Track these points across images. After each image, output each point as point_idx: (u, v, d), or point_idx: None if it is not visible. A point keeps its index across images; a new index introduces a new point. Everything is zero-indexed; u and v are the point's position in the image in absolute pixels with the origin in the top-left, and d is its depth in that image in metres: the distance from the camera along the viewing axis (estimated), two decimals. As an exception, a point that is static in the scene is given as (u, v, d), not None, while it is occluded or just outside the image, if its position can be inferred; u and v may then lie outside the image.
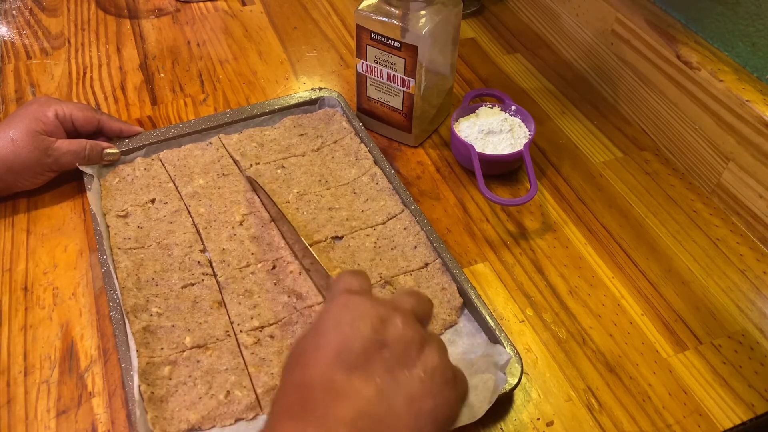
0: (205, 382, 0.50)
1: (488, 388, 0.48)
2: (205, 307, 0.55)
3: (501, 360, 0.50)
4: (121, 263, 0.57)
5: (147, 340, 0.52)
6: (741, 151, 0.63)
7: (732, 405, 0.52)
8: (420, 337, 0.39)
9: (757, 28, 0.62)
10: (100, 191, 0.64)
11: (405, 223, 0.62)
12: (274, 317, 0.54)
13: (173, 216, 0.62)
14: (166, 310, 0.55)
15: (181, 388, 0.50)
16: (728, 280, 0.61)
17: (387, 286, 0.57)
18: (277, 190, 0.65)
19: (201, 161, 0.67)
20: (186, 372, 0.51)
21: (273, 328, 0.54)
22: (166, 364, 0.51)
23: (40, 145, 0.61)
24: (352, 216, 0.63)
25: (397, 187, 0.64)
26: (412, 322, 0.39)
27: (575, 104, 0.80)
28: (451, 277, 0.57)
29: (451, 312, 0.55)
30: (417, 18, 0.64)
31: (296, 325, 0.54)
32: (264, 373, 0.51)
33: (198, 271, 0.58)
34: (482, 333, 0.54)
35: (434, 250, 0.59)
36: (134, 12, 0.92)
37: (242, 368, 0.51)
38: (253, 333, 0.53)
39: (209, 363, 0.51)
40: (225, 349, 0.52)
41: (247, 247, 0.59)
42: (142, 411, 0.48)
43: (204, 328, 0.54)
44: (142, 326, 0.53)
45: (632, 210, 0.67)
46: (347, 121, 0.72)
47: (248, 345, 0.53)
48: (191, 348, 0.52)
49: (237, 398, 0.49)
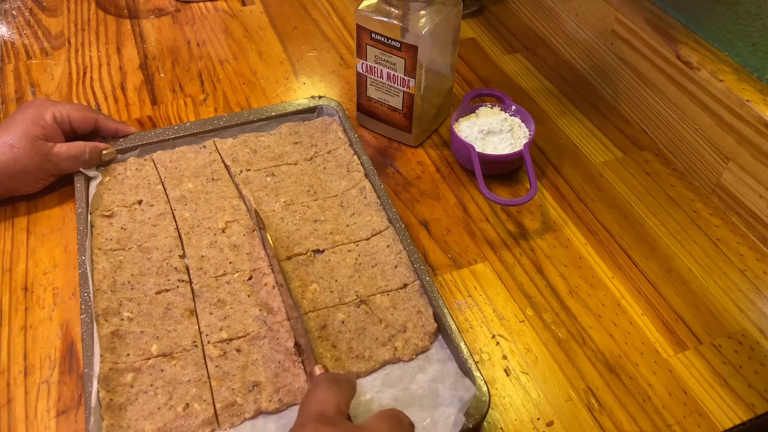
0: (166, 392, 0.49)
1: (449, 424, 0.47)
2: (176, 315, 0.54)
3: (466, 395, 0.49)
4: (99, 264, 0.57)
5: (114, 345, 0.51)
6: (741, 151, 0.63)
7: (732, 405, 0.52)
8: None
9: (757, 28, 0.62)
10: (90, 189, 0.64)
11: (388, 240, 0.61)
12: (243, 330, 0.54)
13: (158, 219, 0.62)
14: (138, 315, 0.54)
15: (142, 396, 0.49)
16: (728, 280, 0.61)
17: (362, 305, 0.56)
18: (265, 199, 0.64)
19: (193, 164, 0.67)
20: (148, 380, 0.50)
21: (241, 342, 0.53)
22: (129, 371, 0.50)
23: (39, 150, 0.61)
24: (336, 230, 0.62)
25: (384, 203, 0.63)
26: None
27: (575, 104, 0.80)
28: (428, 300, 0.56)
29: (424, 337, 0.54)
30: (417, 18, 0.64)
31: (264, 339, 0.53)
32: (225, 387, 0.50)
33: (174, 277, 0.57)
34: (453, 361, 0.53)
35: (414, 271, 0.58)
36: (134, 12, 0.92)
37: (204, 380, 0.50)
38: (220, 345, 0.53)
39: (173, 373, 0.51)
40: (190, 360, 0.52)
41: (226, 256, 0.59)
42: (97, 418, 0.47)
43: (172, 337, 0.53)
44: (111, 330, 0.52)
45: (632, 210, 0.67)
46: (343, 131, 0.71)
47: (214, 357, 0.52)
48: (157, 356, 0.52)
49: (195, 412, 0.48)
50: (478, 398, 0.48)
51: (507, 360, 0.54)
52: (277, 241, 0.60)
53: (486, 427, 0.50)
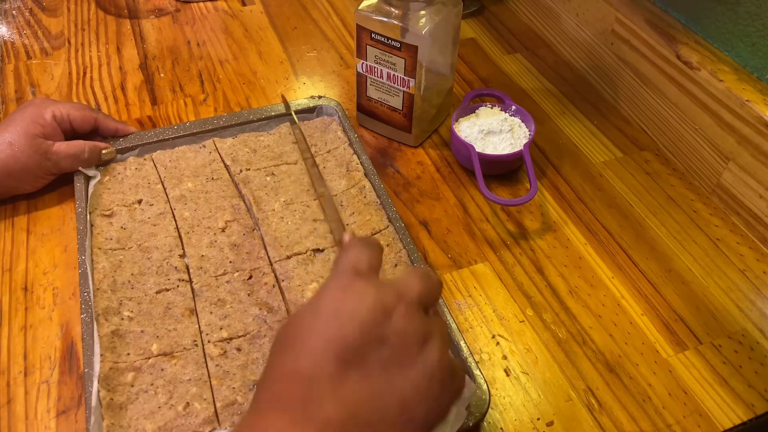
0: (166, 391, 0.49)
1: (448, 421, 0.47)
2: (176, 314, 0.54)
3: (467, 392, 0.48)
4: (99, 264, 0.57)
5: (114, 345, 0.51)
6: (741, 151, 0.63)
7: (732, 405, 0.52)
8: (422, 331, 0.37)
9: (757, 28, 0.62)
10: (89, 189, 0.64)
11: (388, 239, 0.61)
12: (243, 329, 0.54)
13: (157, 218, 0.62)
14: (138, 315, 0.54)
15: (142, 396, 0.49)
16: (728, 280, 0.61)
17: None
18: (264, 198, 0.64)
19: (192, 164, 0.67)
20: (149, 380, 0.50)
21: (241, 341, 0.53)
22: (130, 370, 0.50)
23: (39, 149, 0.61)
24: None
25: (384, 202, 0.63)
26: (416, 312, 0.37)
27: (575, 104, 0.80)
28: None
29: None
30: (417, 18, 0.64)
31: (264, 338, 0.53)
32: (226, 386, 0.50)
33: (174, 276, 0.57)
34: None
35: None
36: (134, 12, 0.92)
37: (205, 380, 0.50)
38: (221, 344, 0.53)
39: (173, 372, 0.51)
40: (190, 359, 0.52)
41: (226, 255, 0.59)
42: (97, 417, 0.47)
43: (173, 336, 0.53)
44: (112, 330, 0.52)
45: (632, 210, 0.67)
46: (343, 131, 0.71)
47: (214, 356, 0.52)
48: (157, 355, 0.52)
49: (195, 411, 0.48)
50: (478, 397, 0.48)
51: (507, 360, 0.54)
52: (276, 240, 0.60)
53: (486, 427, 0.50)
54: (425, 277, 0.40)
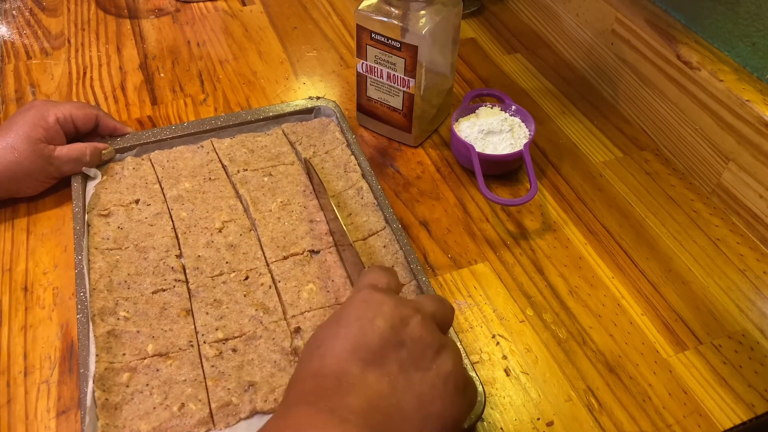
0: (161, 392, 0.49)
1: None
2: (172, 315, 0.54)
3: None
4: (95, 264, 0.57)
5: (110, 345, 0.51)
6: (741, 151, 0.63)
7: (732, 405, 0.52)
8: (437, 341, 0.39)
9: (757, 28, 0.62)
10: (89, 189, 0.64)
11: (385, 240, 0.61)
12: (239, 330, 0.54)
13: (155, 218, 0.62)
14: (134, 315, 0.54)
15: (137, 396, 0.49)
16: (728, 280, 0.61)
17: None
18: (261, 198, 0.64)
19: (190, 164, 0.67)
20: (144, 380, 0.50)
21: (236, 342, 0.53)
22: (125, 370, 0.50)
23: (41, 153, 0.61)
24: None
25: (381, 204, 0.63)
26: (432, 325, 0.40)
27: (575, 104, 0.80)
28: None
29: None
30: (417, 18, 0.64)
31: (260, 339, 0.53)
32: (221, 387, 0.50)
33: (171, 277, 0.57)
34: None
35: (411, 271, 0.58)
36: (134, 12, 0.92)
37: (200, 381, 0.50)
38: (216, 345, 0.52)
39: (168, 373, 0.51)
40: (186, 360, 0.52)
41: (222, 256, 0.59)
42: (92, 418, 0.47)
43: (168, 336, 0.53)
44: (107, 330, 0.52)
45: (632, 210, 0.67)
46: (341, 132, 0.71)
47: (209, 357, 0.52)
48: (153, 356, 0.51)
49: (190, 411, 0.48)
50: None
51: (507, 360, 0.54)
52: (273, 240, 0.60)
53: (486, 427, 0.50)
54: (439, 300, 0.43)
